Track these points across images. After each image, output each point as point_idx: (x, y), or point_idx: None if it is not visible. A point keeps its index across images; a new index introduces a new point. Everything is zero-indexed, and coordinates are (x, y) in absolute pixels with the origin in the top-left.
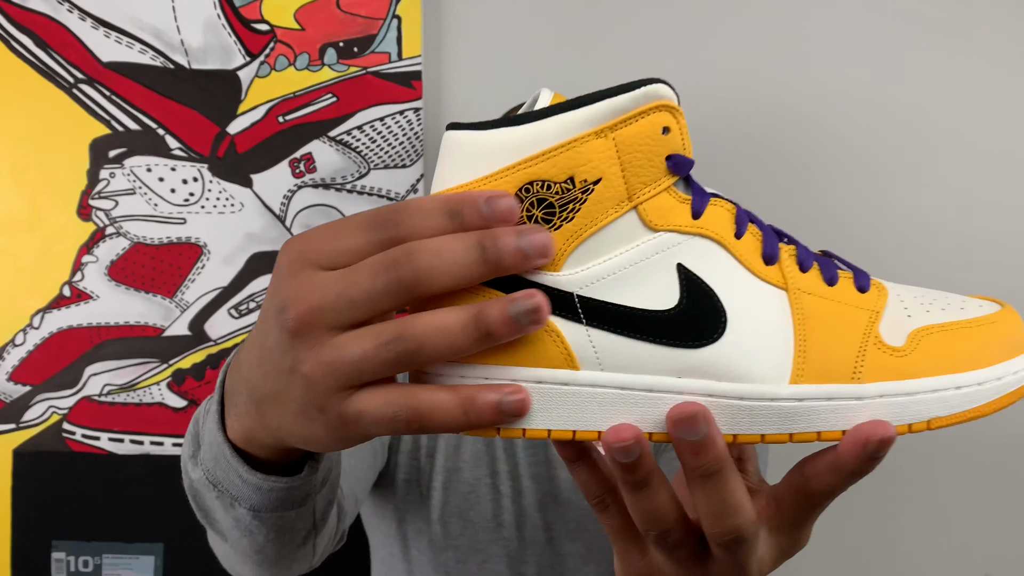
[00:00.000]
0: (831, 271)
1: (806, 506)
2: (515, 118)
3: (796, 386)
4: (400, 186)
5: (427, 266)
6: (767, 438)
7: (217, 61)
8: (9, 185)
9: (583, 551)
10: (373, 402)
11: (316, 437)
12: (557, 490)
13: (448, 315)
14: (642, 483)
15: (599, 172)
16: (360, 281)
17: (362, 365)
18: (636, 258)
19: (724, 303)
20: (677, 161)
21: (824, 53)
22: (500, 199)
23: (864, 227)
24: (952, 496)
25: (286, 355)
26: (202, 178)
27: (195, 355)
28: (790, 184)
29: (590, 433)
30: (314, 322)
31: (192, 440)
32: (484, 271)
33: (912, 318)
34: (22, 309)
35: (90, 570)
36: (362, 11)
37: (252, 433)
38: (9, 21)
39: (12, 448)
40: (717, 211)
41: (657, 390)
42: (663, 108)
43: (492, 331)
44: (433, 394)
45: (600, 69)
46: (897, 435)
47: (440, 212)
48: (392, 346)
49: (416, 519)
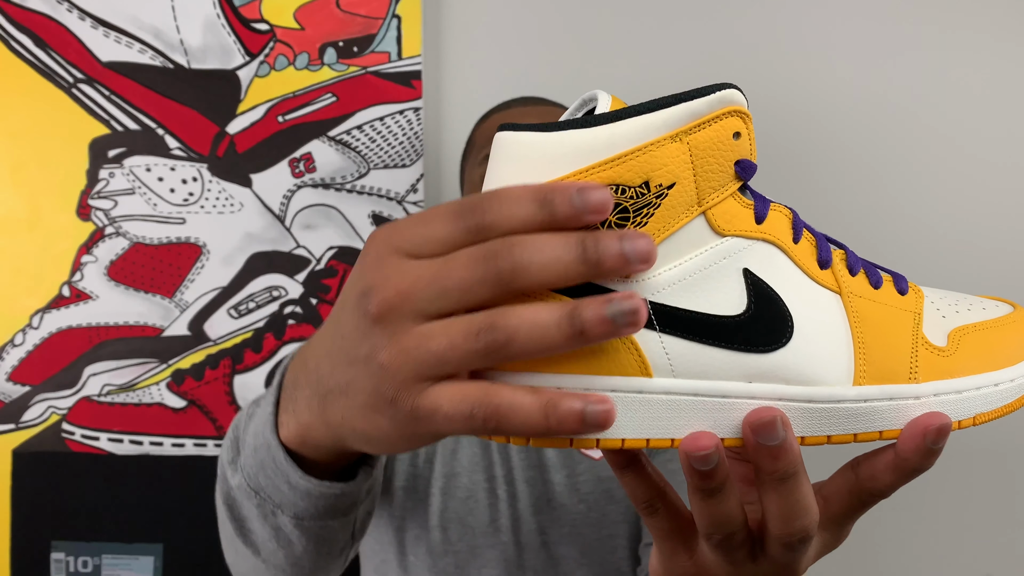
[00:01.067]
0: (875, 275)
1: (857, 505)
2: (582, 120)
3: (860, 387)
4: (400, 186)
5: (528, 261)
6: (833, 439)
7: (217, 61)
8: (9, 185)
9: (577, 555)
10: (451, 397)
11: (381, 434)
12: (551, 494)
13: (542, 309)
14: (717, 490)
15: (674, 176)
16: (456, 269)
17: (448, 354)
18: (705, 263)
19: (790, 307)
20: (745, 166)
21: (823, 54)
22: (593, 191)
23: (865, 225)
24: (952, 496)
25: (364, 341)
26: (201, 178)
27: (194, 355)
28: (792, 184)
29: (663, 441)
30: (400, 307)
31: (232, 445)
32: (583, 271)
33: (947, 319)
34: (21, 309)
35: (89, 570)
36: (362, 11)
37: (310, 430)
38: (9, 21)
39: (11, 448)
40: (777, 216)
41: (730, 396)
42: (736, 113)
43: (586, 330)
44: (514, 393)
45: (600, 69)
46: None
47: (530, 200)
48: (483, 336)
49: (414, 525)
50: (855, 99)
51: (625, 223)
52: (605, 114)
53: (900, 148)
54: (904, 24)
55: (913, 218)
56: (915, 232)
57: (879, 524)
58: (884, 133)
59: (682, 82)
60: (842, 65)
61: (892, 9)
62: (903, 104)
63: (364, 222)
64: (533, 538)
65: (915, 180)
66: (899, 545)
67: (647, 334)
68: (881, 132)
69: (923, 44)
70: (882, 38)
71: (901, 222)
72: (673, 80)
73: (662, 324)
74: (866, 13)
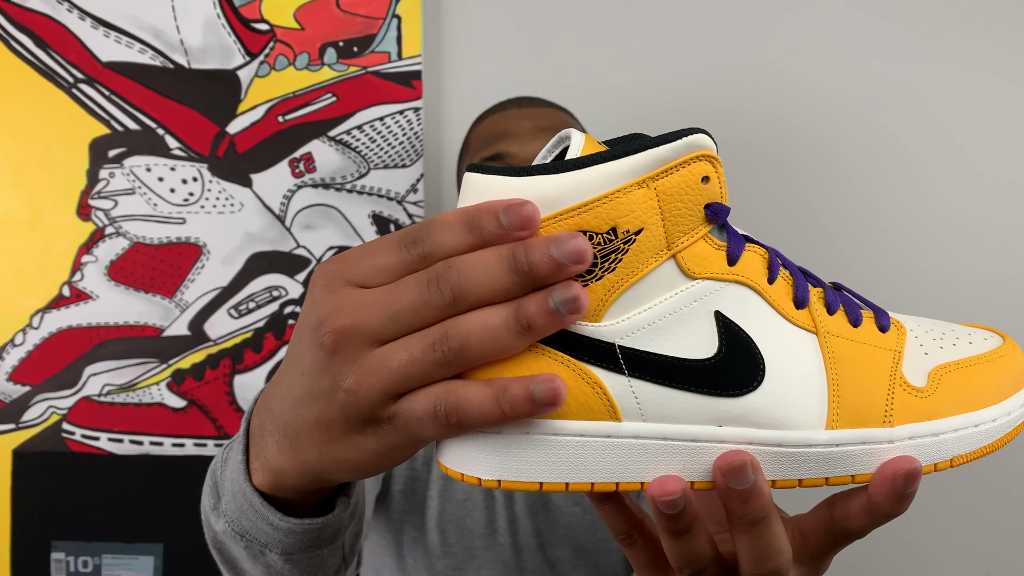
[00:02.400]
0: (855, 312)
1: (833, 543)
2: (551, 166)
3: (832, 432)
4: (400, 186)
5: (466, 278)
6: (804, 482)
7: (217, 61)
8: (9, 185)
9: (572, 557)
10: (419, 400)
11: (367, 455)
12: (547, 497)
13: (489, 312)
14: (684, 531)
15: (641, 222)
16: (405, 293)
17: (409, 369)
18: (675, 306)
19: (762, 350)
20: (715, 209)
21: (823, 54)
22: (519, 207)
23: (862, 225)
24: (952, 496)
25: (325, 374)
26: (202, 178)
27: (194, 355)
28: (785, 185)
29: (633, 485)
30: (355, 334)
31: (211, 492)
32: (519, 281)
33: (929, 356)
34: (22, 309)
35: (89, 570)
36: (362, 11)
37: (283, 473)
38: (9, 21)
39: (12, 448)
40: (751, 257)
41: (699, 440)
42: (703, 158)
43: (532, 323)
44: (467, 387)
45: (600, 69)
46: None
47: (459, 225)
48: (439, 346)
49: (412, 528)
50: (855, 99)
51: (594, 268)
52: (572, 161)
53: (900, 148)
54: (904, 24)
55: (911, 217)
56: (914, 231)
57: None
58: (884, 133)
59: (682, 82)
60: (842, 65)
61: (891, 9)
62: (902, 104)
63: (364, 222)
64: (530, 540)
65: (913, 181)
66: (899, 545)
67: (615, 378)
68: (881, 132)
69: (923, 44)
70: (881, 38)
71: (899, 221)
72: (673, 80)
73: (631, 368)
74: (866, 13)
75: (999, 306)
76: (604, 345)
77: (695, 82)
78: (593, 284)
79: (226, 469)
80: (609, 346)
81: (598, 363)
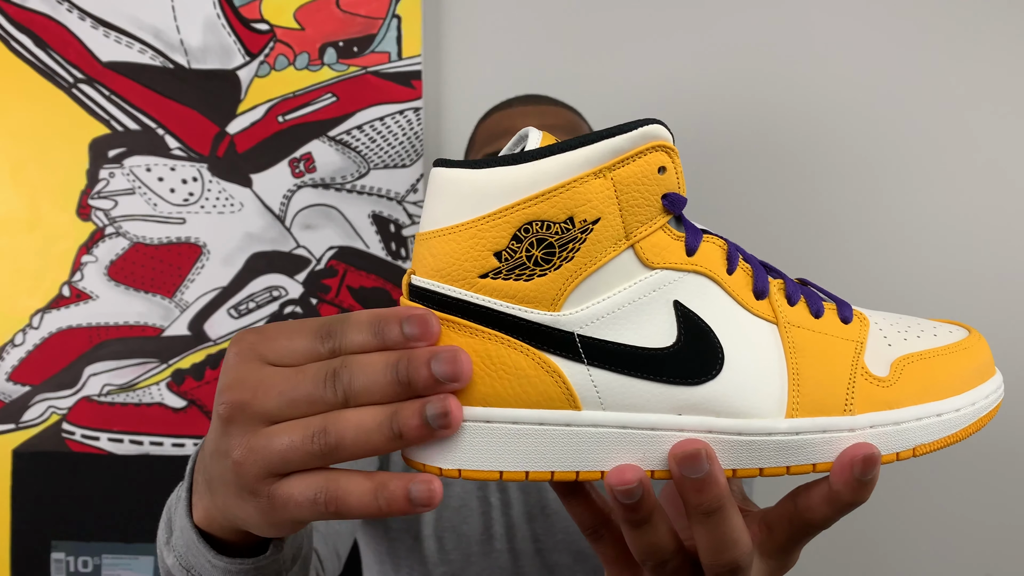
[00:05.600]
0: (816, 303)
1: (799, 535)
2: (510, 158)
3: (792, 420)
4: (400, 186)
5: (355, 382)
6: (765, 471)
7: (217, 61)
8: (9, 185)
9: (571, 562)
10: (299, 486)
11: (252, 520)
12: (545, 501)
13: (367, 414)
14: (643, 521)
15: (598, 212)
16: (304, 384)
17: (288, 454)
18: (634, 296)
19: (720, 339)
20: (672, 199)
21: (823, 54)
22: (420, 318)
23: (858, 224)
24: (952, 496)
25: (221, 439)
26: (201, 178)
27: (195, 355)
28: (788, 184)
29: (593, 474)
30: (248, 410)
31: (165, 526)
32: (400, 392)
33: (892, 347)
34: (22, 309)
35: (89, 570)
36: (362, 11)
37: (210, 514)
38: (9, 21)
39: (12, 448)
40: (710, 247)
41: (658, 428)
42: (659, 148)
43: (404, 433)
44: (350, 479)
45: (599, 69)
46: (881, 456)
47: (368, 326)
48: (317, 439)
49: (408, 536)
50: (867, 99)
51: (552, 258)
52: (531, 152)
53: (899, 148)
54: (902, 25)
55: (907, 216)
56: (912, 230)
57: (879, 524)
58: (884, 134)
59: (682, 81)
60: (850, 64)
61: (891, 10)
62: (901, 105)
63: (364, 222)
64: (527, 546)
65: (912, 181)
66: (899, 545)
67: (575, 367)
68: (881, 132)
69: (922, 45)
70: (880, 39)
71: (897, 220)
72: (673, 79)
73: (590, 357)
74: (866, 14)
75: (999, 306)
76: (563, 334)
77: (696, 81)
78: (551, 273)
79: (178, 506)
80: (568, 335)
81: (557, 352)
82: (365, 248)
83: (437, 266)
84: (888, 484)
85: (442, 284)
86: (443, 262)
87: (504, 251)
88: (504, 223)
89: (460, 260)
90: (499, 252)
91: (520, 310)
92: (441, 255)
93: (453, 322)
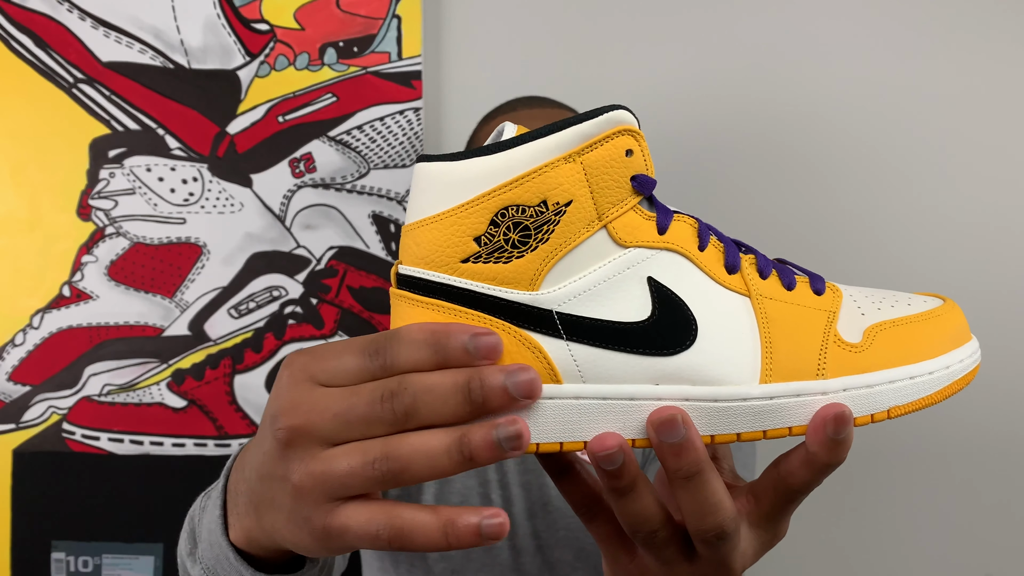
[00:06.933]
0: (789, 277)
1: (784, 501)
2: (485, 148)
3: (766, 385)
4: (400, 186)
5: (419, 401)
6: (743, 436)
7: (217, 61)
8: (9, 185)
9: (571, 558)
10: (357, 518)
11: (304, 544)
12: (546, 498)
13: (433, 438)
14: (627, 488)
15: (570, 194)
16: (359, 405)
17: (348, 480)
18: (609, 274)
19: (693, 312)
20: (641, 181)
21: (823, 54)
22: (485, 336)
23: (845, 223)
24: (952, 496)
25: (279, 463)
26: (202, 178)
27: (195, 355)
28: (789, 183)
29: (576, 444)
30: (307, 435)
31: (188, 537)
32: (470, 411)
33: (865, 316)
34: (22, 309)
35: (90, 570)
36: (362, 11)
37: (251, 534)
38: (9, 21)
39: (12, 448)
40: (681, 226)
41: (637, 398)
42: (625, 132)
43: (475, 456)
44: (415, 515)
45: (599, 69)
46: (853, 415)
47: (424, 344)
48: (379, 465)
49: None
50: (864, 98)
51: (528, 240)
52: (503, 142)
53: (898, 148)
54: (902, 26)
55: (905, 215)
56: (911, 229)
57: (879, 524)
58: (883, 134)
59: (682, 81)
60: (850, 64)
61: (890, 10)
62: (899, 105)
63: (364, 222)
64: (528, 543)
65: (911, 179)
66: (900, 545)
67: (554, 343)
68: (880, 133)
69: (922, 46)
70: (879, 39)
71: (895, 220)
72: (673, 79)
73: (568, 333)
74: (864, 15)
75: (1001, 308)
76: (542, 312)
77: (696, 81)
78: (528, 255)
79: (203, 517)
80: (547, 313)
81: (537, 329)
82: (365, 248)
83: (421, 254)
84: (888, 484)
85: (426, 271)
86: (427, 250)
87: (483, 236)
88: (482, 209)
89: (442, 247)
90: (478, 237)
91: (501, 291)
92: (424, 243)
93: (438, 305)
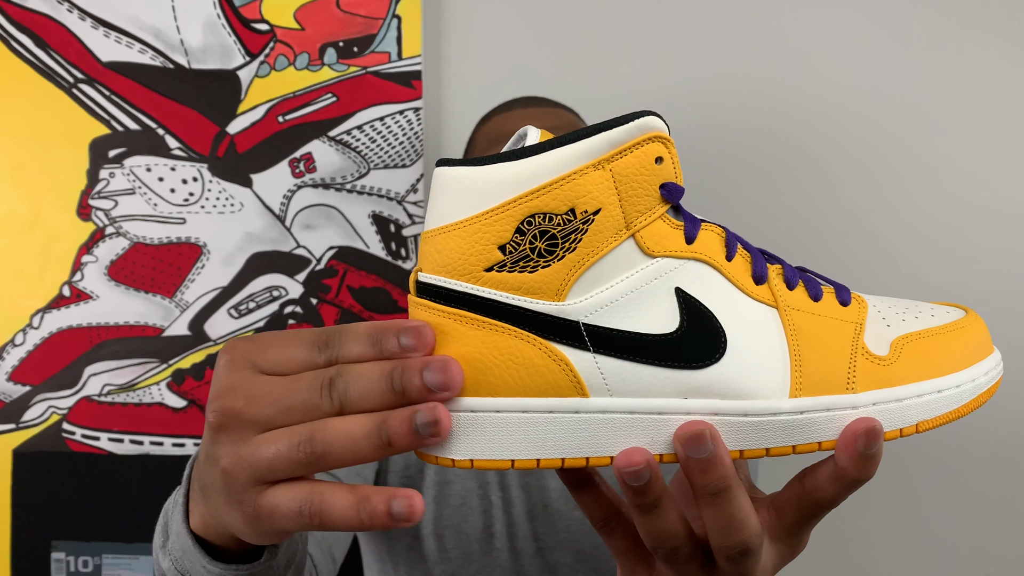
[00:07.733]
0: (815, 287)
1: (807, 516)
2: (510, 154)
3: (796, 400)
4: (400, 186)
5: (351, 389)
6: (772, 451)
7: (217, 61)
8: (9, 185)
9: (571, 560)
10: (284, 497)
11: (240, 528)
12: (547, 500)
13: (355, 423)
14: (652, 505)
15: (598, 203)
16: (299, 391)
17: (275, 463)
18: (636, 284)
19: (723, 323)
20: (671, 189)
21: (823, 54)
22: (417, 329)
23: (853, 228)
24: (952, 496)
25: (212, 447)
26: (202, 178)
27: (195, 355)
28: (780, 184)
29: (602, 459)
30: (240, 419)
31: (162, 531)
32: (394, 400)
33: (891, 327)
34: (22, 309)
35: (90, 570)
36: (362, 11)
37: (205, 520)
38: (9, 21)
39: (12, 448)
40: (708, 235)
41: (665, 412)
42: (656, 139)
43: (393, 441)
44: (335, 491)
45: (599, 69)
46: (883, 429)
47: (365, 339)
48: (303, 447)
49: (406, 535)
50: (864, 98)
51: (555, 249)
52: (530, 147)
53: (897, 148)
54: (901, 26)
55: (905, 215)
56: (910, 228)
57: (879, 524)
58: (882, 134)
59: (682, 81)
60: (849, 64)
61: (889, 10)
62: (899, 105)
63: (364, 222)
64: (528, 545)
65: (912, 178)
66: (900, 545)
67: (581, 355)
68: (879, 132)
69: (922, 45)
70: (879, 39)
71: (894, 220)
72: (674, 79)
73: (595, 345)
74: (865, 15)
75: (999, 306)
76: (569, 323)
77: (695, 81)
78: (555, 264)
79: (175, 510)
80: (574, 324)
81: (563, 341)
82: (365, 248)
83: (443, 262)
84: (888, 484)
85: (449, 279)
86: (449, 258)
87: (508, 244)
88: (507, 217)
89: (465, 255)
90: (503, 245)
91: (526, 301)
92: (446, 251)
93: (461, 315)
